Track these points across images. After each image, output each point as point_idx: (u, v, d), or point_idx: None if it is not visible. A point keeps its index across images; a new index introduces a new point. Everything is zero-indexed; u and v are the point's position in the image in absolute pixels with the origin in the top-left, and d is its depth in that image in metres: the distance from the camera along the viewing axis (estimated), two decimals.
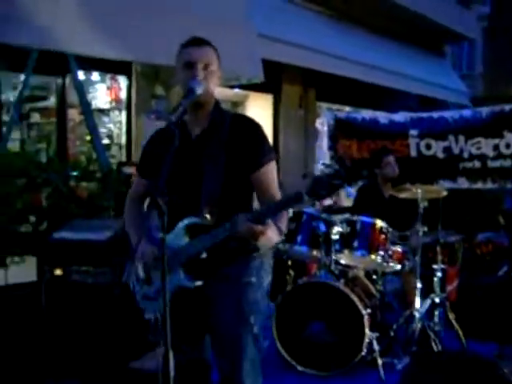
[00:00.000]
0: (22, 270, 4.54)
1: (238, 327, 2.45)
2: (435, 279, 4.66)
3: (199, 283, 2.40)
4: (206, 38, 2.46)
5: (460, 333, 4.51)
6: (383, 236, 4.43)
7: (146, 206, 2.63)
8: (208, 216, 2.36)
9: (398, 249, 4.58)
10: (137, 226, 2.57)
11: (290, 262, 4.77)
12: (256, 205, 2.55)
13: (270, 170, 2.44)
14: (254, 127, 2.47)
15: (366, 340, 4.04)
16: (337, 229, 4.26)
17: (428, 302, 4.59)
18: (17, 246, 4.43)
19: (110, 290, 3.99)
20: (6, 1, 5.48)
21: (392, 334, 4.44)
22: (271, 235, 2.28)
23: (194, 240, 2.37)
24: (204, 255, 2.37)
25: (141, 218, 2.59)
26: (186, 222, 2.39)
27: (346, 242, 4.35)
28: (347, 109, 11.93)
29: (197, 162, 2.42)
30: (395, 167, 5.05)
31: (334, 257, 4.32)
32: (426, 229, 4.51)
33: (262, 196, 2.44)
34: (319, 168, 2.26)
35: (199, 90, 2.32)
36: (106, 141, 8.52)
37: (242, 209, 2.36)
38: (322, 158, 6.92)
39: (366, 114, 7.34)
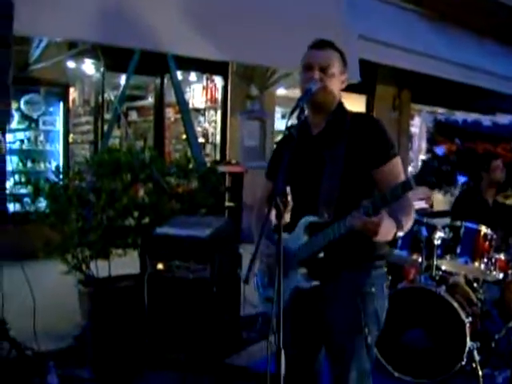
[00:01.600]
0: (125, 263, 4.70)
1: (352, 336, 2.39)
2: None
3: (316, 283, 2.37)
4: (330, 40, 2.45)
5: None
6: (487, 243, 4.28)
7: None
8: (326, 214, 2.33)
9: (502, 257, 4.42)
10: (261, 227, 2.59)
11: (387, 266, 4.69)
12: None
13: (395, 165, 2.37)
14: (375, 123, 2.42)
15: (467, 349, 3.91)
16: (439, 234, 4.15)
17: None
18: (121, 239, 4.59)
19: (209, 286, 4.07)
20: (110, 4, 5.71)
21: (493, 344, 4.28)
22: (388, 226, 2.18)
23: (312, 239, 2.36)
24: (321, 254, 2.35)
25: (270, 223, 2.60)
26: (304, 220, 2.39)
27: (448, 247, 4.23)
28: (441, 110, 11.63)
29: (316, 161, 2.42)
30: (504, 172, 4.88)
31: (435, 262, 4.22)
32: None
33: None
34: (433, 152, 2.15)
35: (314, 89, 2.32)
36: (201, 140, 8.72)
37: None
38: (415, 161, 6.77)
39: (468, 116, 7.11)
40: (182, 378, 3.89)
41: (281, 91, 9.17)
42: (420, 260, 4.24)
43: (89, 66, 8.02)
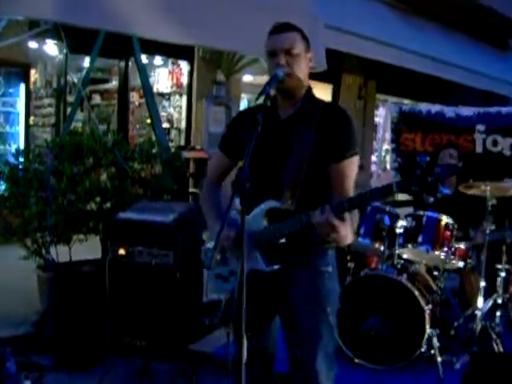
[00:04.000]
0: (86, 249, 4.64)
1: (316, 316, 2.43)
2: (498, 279, 4.56)
3: (276, 267, 2.39)
4: (288, 22, 2.43)
5: None
6: (448, 232, 4.35)
7: (229, 185, 2.62)
8: (289, 201, 2.33)
9: (462, 246, 4.51)
10: (215, 207, 2.58)
11: (350, 254, 4.74)
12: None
13: (350, 165, 2.38)
14: (347, 118, 2.42)
15: (426, 336, 3.98)
16: (401, 223, 4.21)
17: (490, 302, 4.50)
18: (82, 223, 4.51)
19: (172, 272, 4.05)
20: None
21: (452, 331, 4.37)
22: (347, 233, 2.23)
23: (275, 225, 2.36)
24: (283, 240, 2.36)
25: (218, 199, 2.60)
26: (265, 205, 2.39)
27: (409, 236, 4.29)
28: (407, 102, 11.76)
29: (283, 145, 2.41)
30: (457, 161, 4.95)
31: (397, 251, 4.27)
32: (493, 227, 4.41)
33: (336, 189, 2.38)
34: (417, 161, 2.13)
35: (281, 75, 2.30)
36: (165, 125, 8.64)
37: (322, 198, 2.34)
38: (378, 150, 6.84)
39: (432, 107, 7.18)
40: (144, 365, 3.87)
41: (247, 77, 9.13)
42: (382, 248, 4.29)
43: (51, 47, 7.84)
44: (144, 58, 7.41)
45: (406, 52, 9.59)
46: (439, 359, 3.98)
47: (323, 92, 10.37)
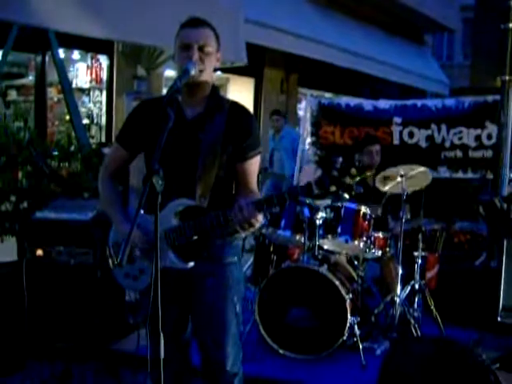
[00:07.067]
0: (2, 250, 4.47)
1: (223, 305, 2.50)
2: (415, 266, 4.71)
3: (192, 264, 2.42)
4: (204, 18, 2.43)
5: (438, 319, 4.58)
6: (366, 222, 4.45)
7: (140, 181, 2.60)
8: (202, 199, 2.37)
9: (380, 235, 4.62)
10: (117, 203, 2.56)
11: (272, 247, 4.78)
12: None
13: (255, 163, 2.49)
14: (251, 119, 2.52)
15: (348, 324, 4.07)
16: (321, 214, 4.27)
17: (408, 288, 4.66)
18: None
19: (93, 272, 3.97)
20: None
21: (373, 319, 4.49)
22: (257, 226, 2.33)
23: (189, 222, 2.37)
24: (195, 237, 2.38)
25: (120, 195, 2.59)
26: (177, 203, 2.39)
27: (329, 227, 4.37)
28: (328, 95, 11.96)
29: (192, 144, 2.42)
30: (376, 157, 5.08)
31: (317, 242, 4.34)
32: (409, 216, 4.55)
33: (244, 186, 2.48)
34: (332, 161, 2.24)
35: (193, 71, 2.30)
36: (85, 121, 8.43)
37: (229, 195, 2.46)
38: (302, 144, 6.92)
39: (351, 100, 7.33)
40: (64, 368, 3.78)
41: (168, 72, 9.02)
42: (303, 240, 4.35)
43: None
44: (61, 53, 7.20)
45: (327, 46, 9.77)
46: (361, 346, 4.09)
47: (245, 86, 10.42)
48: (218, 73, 9.07)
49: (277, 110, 8.48)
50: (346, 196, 2.17)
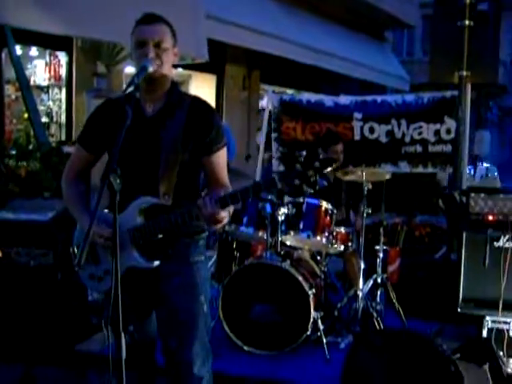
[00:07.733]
0: None
1: (191, 305, 2.46)
2: (377, 260, 4.77)
3: (157, 263, 2.39)
4: (159, 14, 2.41)
5: (401, 312, 4.64)
6: (328, 218, 4.49)
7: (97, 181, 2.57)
8: (166, 196, 2.34)
9: (342, 230, 4.66)
10: (81, 203, 2.52)
11: (235, 243, 4.78)
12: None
13: (222, 156, 2.48)
14: (213, 113, 2.50)
15: (311, 319, 4.09)
16: (283, 210, 4.28)
17: (370, 282, 4.71)
18: None
19: (53, 273, 3.91)
20: None
21: (336, 313, 4.53)
22: (226, 221, 2.33)
23: (153, 221, 2.35)
24: (160, 236, 2.36)
25: (84, 195, 2.54)
26: (140, 201, 2.36)
27: (291, 223, 4.38)
28: (290, 91, 12.00)
29: (153, 142, 2.39)
30: (340, 156, 5.12)
31: (279, 238, 4.35)
32: (370, 211, 4.60)
33: (215, 181, 2.47)
34: (296, 155, 2.30)
35: (150, 68, 2.29)
36: (44, 119, 8.28)
37: (194, 192, 2.44)
38: (264, 139, 6.91)
39: (312, 96, 7.36)
40: (25, 371, 3.71)
41: (129, 69, 8.90)
42: (265, 236, 4.36)
43: None
44: (19, 49, 7.06)
45: (289, 43, 9.78)
46: (325, 341, 4.12)
47: (207, 83, 10.37)
48: (180, 69, 9.02)
49: None
50: (310, 190, 2.18)
